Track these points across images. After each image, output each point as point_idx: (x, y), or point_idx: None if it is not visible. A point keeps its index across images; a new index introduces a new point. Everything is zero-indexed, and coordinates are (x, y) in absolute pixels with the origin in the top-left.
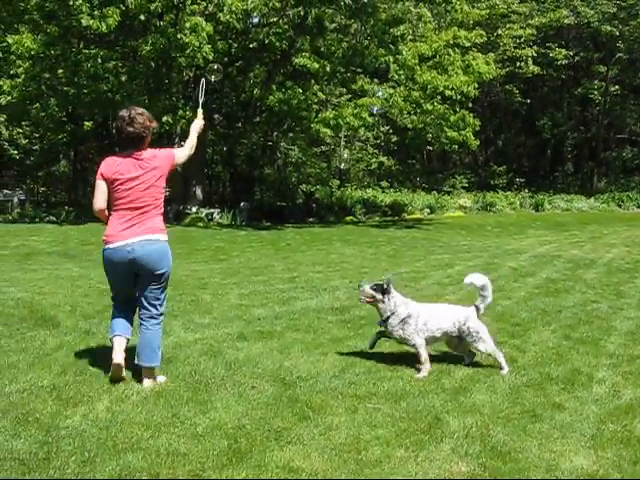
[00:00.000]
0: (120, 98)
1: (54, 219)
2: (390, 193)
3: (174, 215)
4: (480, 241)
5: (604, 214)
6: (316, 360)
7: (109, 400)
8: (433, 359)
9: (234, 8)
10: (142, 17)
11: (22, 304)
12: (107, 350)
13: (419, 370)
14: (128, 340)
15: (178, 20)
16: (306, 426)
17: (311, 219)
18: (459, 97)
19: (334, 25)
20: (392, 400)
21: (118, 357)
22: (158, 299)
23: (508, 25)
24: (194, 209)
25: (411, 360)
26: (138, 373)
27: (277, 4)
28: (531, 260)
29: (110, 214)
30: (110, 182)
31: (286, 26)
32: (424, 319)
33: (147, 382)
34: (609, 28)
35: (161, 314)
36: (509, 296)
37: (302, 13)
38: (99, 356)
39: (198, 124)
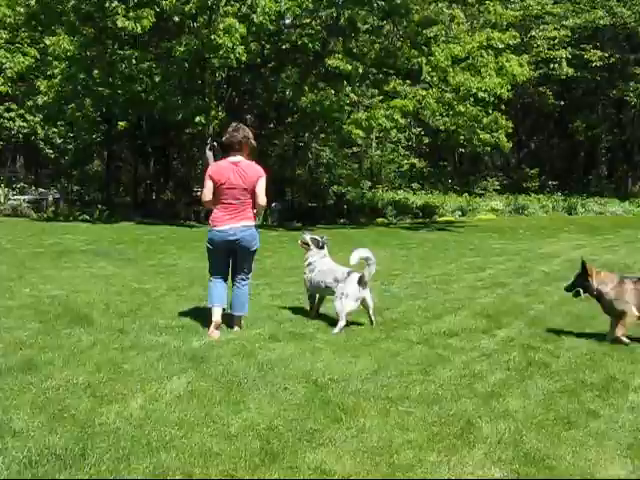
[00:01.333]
0: (154, 98)
1: (88, 218)
2: (421, 195)
3: (206, 215)
4: (512, 244)
5: (639, 218)
6: (348, 362)
7: (143, 399)
8: (466, 363)
9: (267, 9)
10: (176, 18)
11: (57, 302)
12: (140, 348)
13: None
14: (224, 309)
15: (212, 21)
16: (338, 428)
17: (342, 220)
18: (492, 99)
19: (367, 26)
20: (424, 404)
21: (217, 318)
22: (249, 268)
23: (542, 26)
24: None
25: (444, 364)
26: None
27: (310, 5)
28: (564, 264)
29: None
30: None
31: (319, 27)
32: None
33: (236, 328)
34: None
35: (248, 277)
36: (542, 300)
37: (335, 14)
38: (133, 354)
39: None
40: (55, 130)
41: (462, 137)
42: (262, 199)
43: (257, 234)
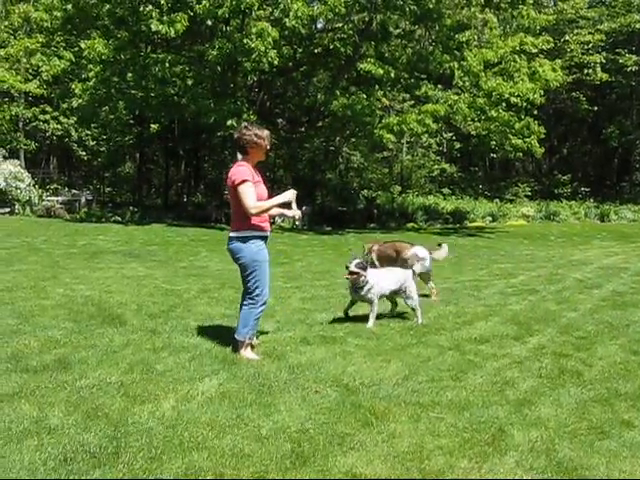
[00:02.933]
0: (186, 101)
1: (119, 219)
2: (452, 200)
3: None
4: (543, 251)
5: None
6: (379, 367)
7: (175, 399)
8: (497, 370)
9: (300, 14)
10: (209, 22)
11: (90, 302)
12: (172, 349)
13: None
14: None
15: (244, 25)
16: (369, 432)
17: (372, 225)
18: (524, 104)
19: (399, 31)
20: (455, 410)
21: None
22: (246, 285)
23: (576, 31)
24: None
25: (475, 370)
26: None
27: (342, 10)
28: (597, 272)
29: None
30: None
31: (351, 31)
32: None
33: (237, 352)
34: None
35: (251, 298)
36: (575, 308)
37: (367, 19)
38: (165, 355)
39: (288, 197)
40: (88, 132)
41: (494, 142)
42: (245, 206)
43: (242, 247)
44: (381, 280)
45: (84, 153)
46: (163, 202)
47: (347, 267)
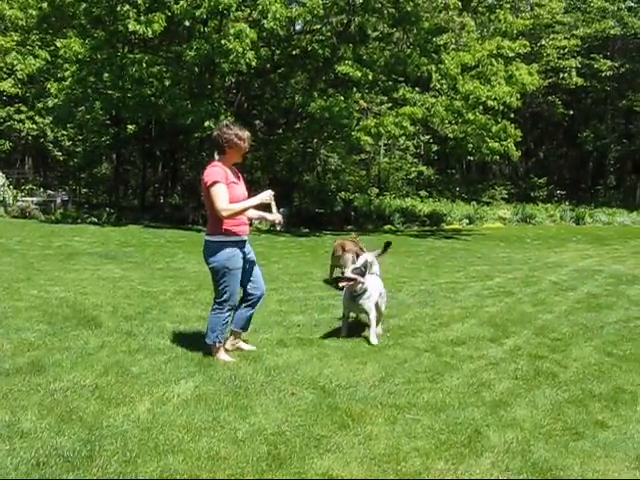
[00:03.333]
0: (163, 102)
1: (95, 220)
2: (429, 203)
3: None
4: (519, 253)
5: None
6: (355, 369)
7: (150, 402)
8: (473, 372)
9: (278, 15)
10: (187, 23)
11: (65, 303)
12: (148, 352)
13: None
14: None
15: (222, 26)
16: (345, 434)
17: (349, 227)
18: (501, 107)
19: (377, 33)
20: (432, 411)
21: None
22: (215, 290)
23: (552, 35)
24: None
25: (451, 372)
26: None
27: (321, 12)
28: (572, 274)
29: None
30: None
31: (329, 34)
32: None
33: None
34: None
35: (217, 303)
36: (550, 310)
37: (345, 21)
38: (140, 357)
39: (264, 197)
40: (64, 132)
41: (471, 145)
42: (216, 208)
43: (213, 252)
44: (374, 288)
45: (60, 153)
46: (140, 203)
47: (342, 274)
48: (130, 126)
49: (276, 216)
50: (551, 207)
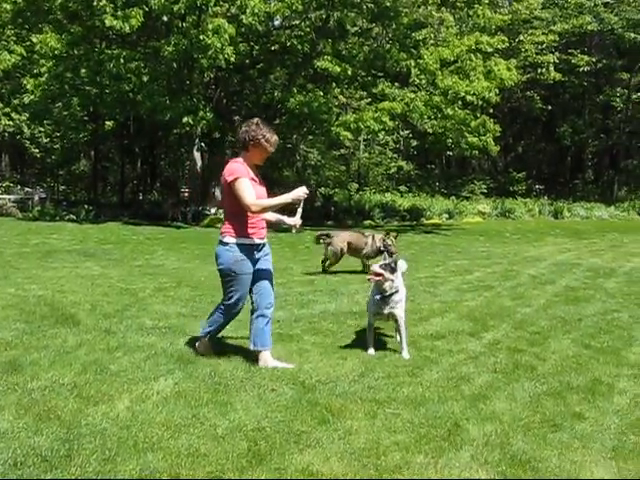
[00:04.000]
0: (142, 98)
1: (74, 217)
2: (409, 198)
3: (193, 216)
4: (499, 248)
5: (624, 223)
6: (335, 364)
7: (129, 399)
8: (453, 366)
9: (256, 10)
10: (165, 18)
11: (43, 302)
12: (127, 349)
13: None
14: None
15: (201, 21)
16: (325, 430)
17: (329, 222)
18: (480, 103)
19: (356, 29)
20: (411, 406)
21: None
22: (224, 292)
23: (530, 31)
24: (213, 210)
25: (431, 366)
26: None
27: (299, 7)
28: (550, 268)
29: None
30: None
31: (308, 29)
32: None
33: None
34: (633, 35)
35: (223, 304)
36: (529, 304)
37: (324, 16)
38: (119, 355)
39: (298, 194)
40: (41, 129)
41: (450, 140)
42: (244, 204)
43: (222, 253)
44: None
45: (37, 150)
46: (119, 200)
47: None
48: (108, 122)
49: (296, 220)
50: (530, 201)
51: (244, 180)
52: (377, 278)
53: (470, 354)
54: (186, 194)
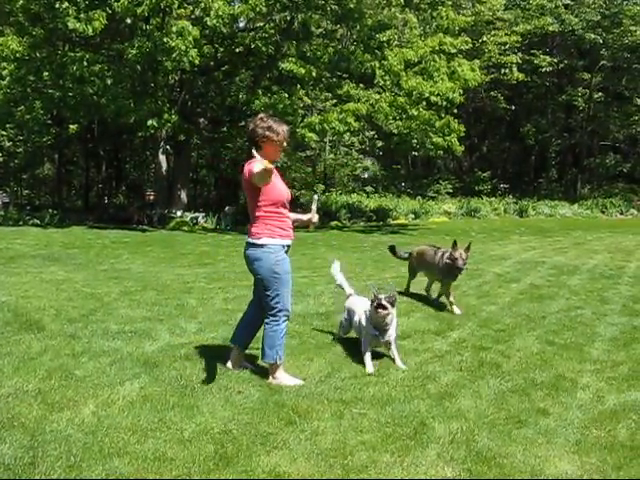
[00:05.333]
0: (106, 101)
1: (38, 222)
2: (375, 198)
3: (159, 219)
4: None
5: (588, 220)
6: (302, 365)
7: (95, 405)
8: (419, 365)
9: (221, 12)
10: (128, 20)
11: (6, 308)
12: (92, 354)
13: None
14: (241, 348)
15: (164, 24)
16: (292, 431)
17: (296, 224)
18: (444, 103)
19: (320, 30)
20: (378, 405)
21: (231, 357)
22: (265, 302)
23: (493, 32)
24: (179, 213)
25: (397, 366)
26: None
27: (263, 9)
28: (515, 266)
29: None
30: None
31: (272, 31)
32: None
33: (270, 379)
34: (593, 36)
35: (270, 315)
36: (494, 302)
37: (288, 18)
38: (84, 360)
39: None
40: (4, 133)
41: (415, 141)
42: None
43: (261, 256)
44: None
45: (0, 154)
46: (83, 204)
47: (376, 299)
48: (72, 126)
49: (313, 215)
50: (495, 200)
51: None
52: (384, 313)
53: (436, 353)
54: (151, 197)
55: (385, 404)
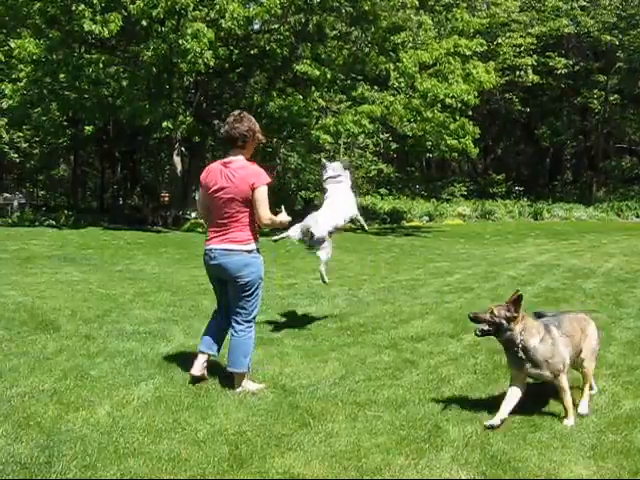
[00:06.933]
0: (121, 103)
1: (54, 223)
2: (389, 200)
3: (173, 220)
4: (479, 249)
5: (603, 223)
6: (316, 367)
7: (110, 405)
8: (433, 367)
9: (236, 15)
10: (144, 22)
11: (22, 308)
12: (107, 355)
13: None
14: (210, 356)
15: (180, 26)
16: (306, 433)
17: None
18: (459, 105)
19: (335, 32)
20: (392, 408)
21: (195, 365)
22: (243, 307)
23: (508, 34)
24: (193, 214)
25: (411, 368)
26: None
27: (278, 11)
28: (530, 269)
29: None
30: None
31: (287, 33)
32: None
33: (237, 389)
34: (609, 38)
35: (246, 322)
36: None
37: (303, 20)
38: (100, 361)
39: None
40: (20, 134)
41: (429, 143)
42: (261, 213)
43: (251, 261)
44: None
45: (16, 155)
46: (99, 205)
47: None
48: (88, 127)
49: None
50: (510, 203)
51: (266, 189)
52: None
53: (450, 356)
54: (166, 198)
55: (399, 407)
